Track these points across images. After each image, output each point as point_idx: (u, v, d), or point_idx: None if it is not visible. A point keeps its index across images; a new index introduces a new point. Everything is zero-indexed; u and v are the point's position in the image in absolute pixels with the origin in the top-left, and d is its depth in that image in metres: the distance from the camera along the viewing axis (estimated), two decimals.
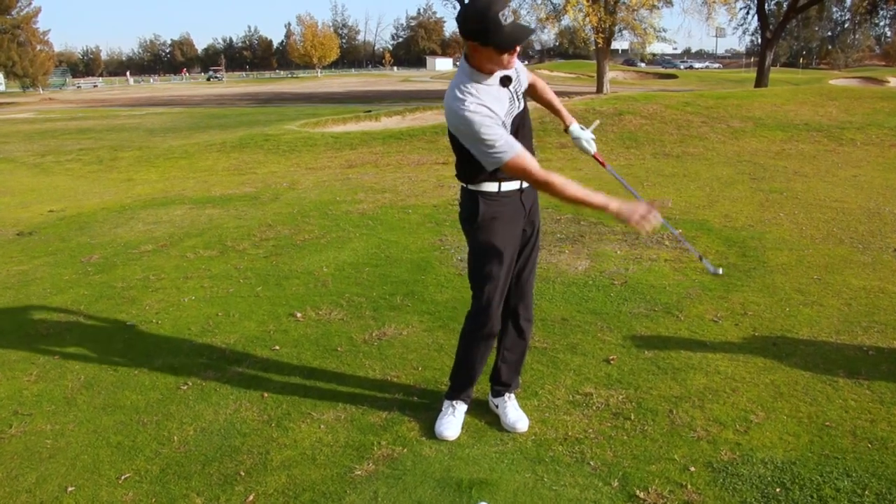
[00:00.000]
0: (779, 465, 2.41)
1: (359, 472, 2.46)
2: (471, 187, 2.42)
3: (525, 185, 2.45)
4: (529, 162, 2.19)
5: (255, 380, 3.21)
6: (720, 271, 2.64)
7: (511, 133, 2.24)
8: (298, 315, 3.96)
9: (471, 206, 2.43)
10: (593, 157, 2.85)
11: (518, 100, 2.33)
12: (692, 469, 2.40)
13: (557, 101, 2.81)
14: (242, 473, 2.49)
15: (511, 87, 2.28)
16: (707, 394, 2.91)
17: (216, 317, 4.01)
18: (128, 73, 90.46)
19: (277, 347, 3.55)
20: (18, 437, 2.80)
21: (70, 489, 2.44)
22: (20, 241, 6.11)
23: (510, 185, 2.41)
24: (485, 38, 2.09)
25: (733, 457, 2.46)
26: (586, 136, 2.85)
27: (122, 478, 2.49)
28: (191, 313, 4.09)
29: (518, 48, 2.16)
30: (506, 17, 2.05)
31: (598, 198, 2.17)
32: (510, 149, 2.16)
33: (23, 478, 2.52)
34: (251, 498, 2.35)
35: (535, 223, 2.58)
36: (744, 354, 3.27)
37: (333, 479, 2.43)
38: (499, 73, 2.24)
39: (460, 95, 2.18)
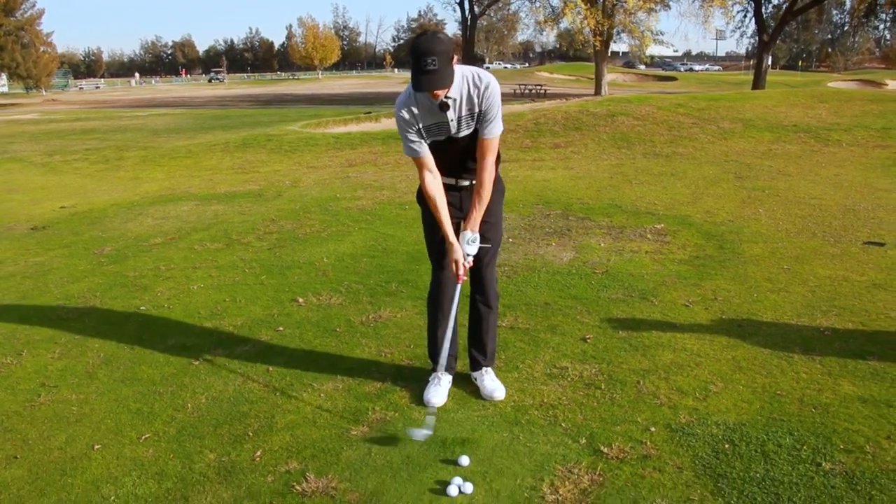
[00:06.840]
0: (730, 426, 2.69)
1: (355, 433, 2.75)
2: None
3: (463, 184, 2.84)
4: (420, 170, 2.73)
5: (261, 356, 3.50)
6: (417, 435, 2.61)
7: (436, 144, 2.68)
8: (300, 300, 4.25)
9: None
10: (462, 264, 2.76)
11: (450, 127, 2.66)
12: (652, 429, 2.68)
13: (477, 199, 2.73)
14: (250, 434, 2.78)
15: (448, 113, 2.62)
16: (673, 367, 3.20)
17: (224, 302, 4.30)
18: (136, 74, 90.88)
19: (281, 329, 3.84)
20: (47, 404, 3.09)
21: (96, 447, 2.73)
22: (35, 235, 6.41)
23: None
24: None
25: (690, 419, 2.75)
26: (467, 247, 2.76)
27: (143, 438, 2.78)
28: (200, 299, 4.38)
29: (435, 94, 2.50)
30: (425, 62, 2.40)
31: (444, 227, 2.73)
32: (411, 152, 2.72)
33: (54, 438, 2.80)
34: (258, 454, 2.64)
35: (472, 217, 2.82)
36: (710, 334, 3.56)
37: (332, 439, 2.72)
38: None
39: (403, 91, 2.66)
